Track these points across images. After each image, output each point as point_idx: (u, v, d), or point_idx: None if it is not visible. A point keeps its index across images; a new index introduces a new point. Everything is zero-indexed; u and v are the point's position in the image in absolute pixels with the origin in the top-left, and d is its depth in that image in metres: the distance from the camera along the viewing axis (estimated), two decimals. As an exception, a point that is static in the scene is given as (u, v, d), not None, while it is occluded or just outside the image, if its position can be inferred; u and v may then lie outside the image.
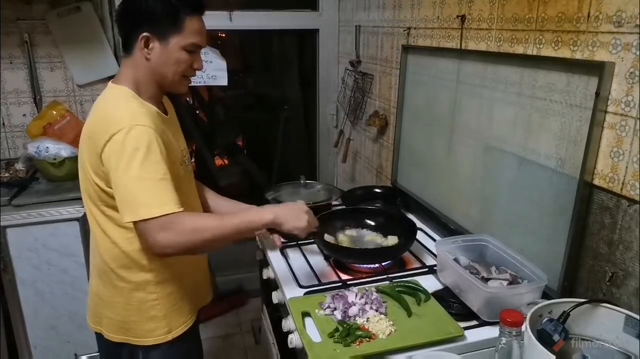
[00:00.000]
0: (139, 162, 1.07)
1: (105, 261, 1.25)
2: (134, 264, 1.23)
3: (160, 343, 1.28)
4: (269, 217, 1.19)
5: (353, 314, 1.17)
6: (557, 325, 0.92)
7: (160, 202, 1.07)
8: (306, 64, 3.08)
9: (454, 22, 1.59)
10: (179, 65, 1.20)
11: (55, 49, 2.38)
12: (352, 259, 1.47)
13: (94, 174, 1.16)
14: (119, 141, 1.08)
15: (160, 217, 1.06)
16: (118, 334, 1.29)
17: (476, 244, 1.37)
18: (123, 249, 1.22)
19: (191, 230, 1.08)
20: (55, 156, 2.08)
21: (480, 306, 1.17)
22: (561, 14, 1.15)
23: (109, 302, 1.28)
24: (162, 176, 1.10)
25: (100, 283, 1.29)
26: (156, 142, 1.11)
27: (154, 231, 1.06)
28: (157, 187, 1.08)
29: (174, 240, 1.07)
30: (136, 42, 1.17)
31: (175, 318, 1.30)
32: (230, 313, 2.78)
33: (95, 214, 1.23)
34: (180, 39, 1.17)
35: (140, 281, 1.24)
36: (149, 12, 1.15)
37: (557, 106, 1.18)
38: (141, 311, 1.26)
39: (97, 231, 1.25)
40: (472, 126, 1.52)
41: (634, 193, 1.02)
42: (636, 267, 1.02)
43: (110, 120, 1.12)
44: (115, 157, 1.09)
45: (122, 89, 1.19)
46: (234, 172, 3.40)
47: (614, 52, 1.03)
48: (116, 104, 1.18)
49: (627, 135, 1.02)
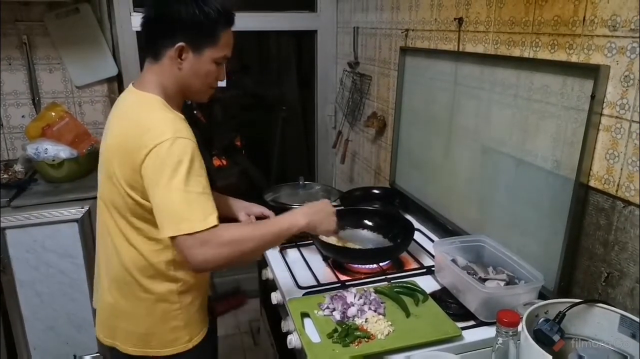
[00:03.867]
0: (183, 175, 1.04)
1: (130, 272, 1.20)
2: (160, 275, 1.20)
3: (182, 352, 1.26)
4: (303, 222, 1.18)
5: (352, 314, 1.18)
6: (553, 325, 0.93)
7: (203, 217, 1.04)
8: (304, 65, 3.09)
9: (451, 24, 1.61)
10: (207, 77, 1.18)
11: (54, 50, 2.38)
12: (350, 259, 1.48)
13: (128, 186, 1.12)
14: (162, 154, 1.05)
15: (201, 232, 1.03)
16: (136, 347, 1.25)
17: (474, 245, 1.38)
18: (150, 260, 1.19)
19: (228, 242, 1.06)
20: (54, 158, 2.09)
21: (477, 307, 1.18)
22: (557, 18, 1.16)
23: (129, 314, 1.24)
24: (203, 190, 1.07)
25: (119, 294, 1.24)
26: (198, 156, 1.08)
27: (195, 246, 1.03)
28: (199, 202, 1.05)
29: (213, 254, 1.05)
30: (168, 50, 1.14)
31: (194, 325, 1.28)
32: (228, 314, 2.79)
33: (121, 225, 1.18)
34: (214, 51, 1.16)
35: (164, 291, 1.22)
36: (187, 22, 1.11)
37: (553, 108, 1.19)
38: (164, 322, 1.23)
39: (120, 242, 1.20)
40: (469, 128, 1.53)
41: (629, 195, 1.03)
42: (631, 267, 1.03)
43: (150, 131, 1.08)
44: (157, 170, 1.05)
45: (153, 97, 1.15)
46: (232, 173, 3.40)
47: (609, 55, 1.05)
48: (152, 114, 1.13)
49: (622, 137, 1.04)
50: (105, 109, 2.53)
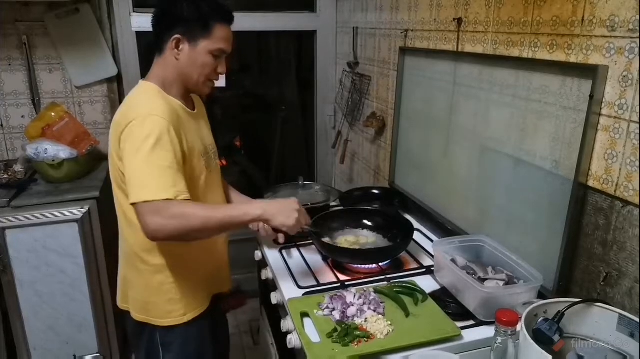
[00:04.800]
0: (149, 148, 1.13)
1: (130, 244, 1.32)
2: (154, 248, 1.29)
3: (177, 325, 1.34)
4: (256, 212, 1.22)
5: (351, 314, 1.18)
6: (552, 325, 0.94)
7: (161, 187, 1.12)
8: (304, 65, 3.09)
9: (450, 24, 1.61)
10: (204, 68, 1.28)
11: (54, 50, 2.38)
12: (350, 259, 1.49)
13: (117, 158, 1.22)
14: (134, 128, 1.16)
15: (156, 201, 1.11)
16: (140, 314, 1.36)
17: (473, 244, 1.38)
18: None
19: (178, 216, 1.12)
20: (54, 158, 2.09)
21: (476, 306, 1.18)
22: (556, 18, 1.16)
23: (133, 283, 1.36)
24: (169, 165, 1.15)
25: (126, 265, 1.37)
26: (167, 134, 1.17)
27: (148, 214, 1.11)
28: (161, 174, 1.13)
29: (161, 224, 1.11)
30: (168, 42, 1.26)
31: (190, 301, 1.35)
32: (228, 314, 2.78)
33: (120, 198, 1.29)
34: (209, 43, 1.26)
35: (160, 264, 1.31)
36: (183, 16, 1.24)
37: (552, 108, 1.19)
38: (160, 293, 1.32)
39: (122, 217, 1.32)
40: (468, 128, 1.54)
41: (628, 194, 1.03)
42: (630, 267, 1.04)
43: (131, 109, 1.22)
44: (129, 142, 1.16)
45: (149, 84, 1.28)
46: (232, 173, 3.40)
47: (607, 55, 1.05)
48: (140, 97, 1.27)
49: (621, 137, 1.04)
50: (105, 109, 2.53)
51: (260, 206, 1.24)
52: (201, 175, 1.32)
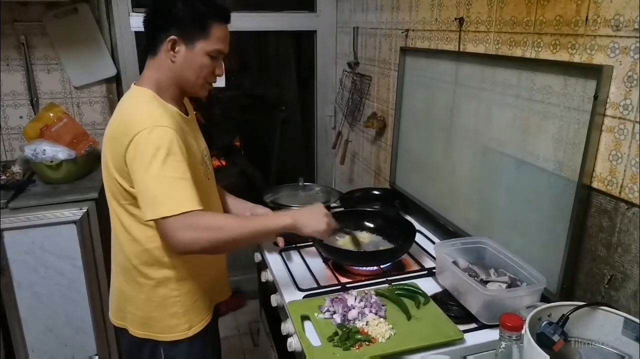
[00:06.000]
0: (160, 161, 1.09)
1: (128, 257, 1.26)
2: (156, 262, 1.25)
3: (181, 339, 1.30)
4: (288, 221, 1.21)
5: (352, 317, 1.17)
6: (556, 328, 0.93)
7: (181, 200, 1.09)
8: (304, 66, 3.08)
9: (452, 24, 1.60)
10: (201, 69, 1.23)
11: (52, 50, 2.37)
12: (350, 261, 1.47)
13: (118, 174, 1.18)
14: (141, 142, 1.11)
15: (180, 215, 1.07)
16: (141, 330, 1.30)
17: (475, 246, 1.37)
18: (145, 246, 1.23)
19: (211, 228, 1.10)
20: (52, 159, 2.07)
21: (479, 309, 1.17)
22: (559, 17, 1.15)
23: (132, 298, 1.30)
24: (182, 175, 1.11)
25: (124, 279, 1.31)
26: (177, 143, 1.13)
27: (175, 229, 1.08)
28: (178, 186, 1.10)
29: (194, 237, 1.09)
30: (163, 44, 1.21)
31: (195, 314, 1.31)
32: (227, 315, 2.78)
33: (118, 212, 1.24)
34: (206, 44, 1.21)
35: (161, 277, 1.26)
36: (178, 16, 1.19)
37: (555, 109, 1.18)
38: (163, 308, 1.28)
39: (119, 229, 1.27)
40: (470, 128, 1.52)
41: (633, 196, 1.02)
42: (634, 270, 1.02)
43: (132, 121, 1.15)
44: (137, 158, 1.11)
45: (144, 90, 1.22)
46: (232, 174, 3.39)
47: (612, 55, 1.04)
48: (137, 105, 1.21)
49: (626, 138, 1.03)
50: (103, 109, 2.52)
51: (291, 214, 1.24)
52: (203, 183, 1.29)
